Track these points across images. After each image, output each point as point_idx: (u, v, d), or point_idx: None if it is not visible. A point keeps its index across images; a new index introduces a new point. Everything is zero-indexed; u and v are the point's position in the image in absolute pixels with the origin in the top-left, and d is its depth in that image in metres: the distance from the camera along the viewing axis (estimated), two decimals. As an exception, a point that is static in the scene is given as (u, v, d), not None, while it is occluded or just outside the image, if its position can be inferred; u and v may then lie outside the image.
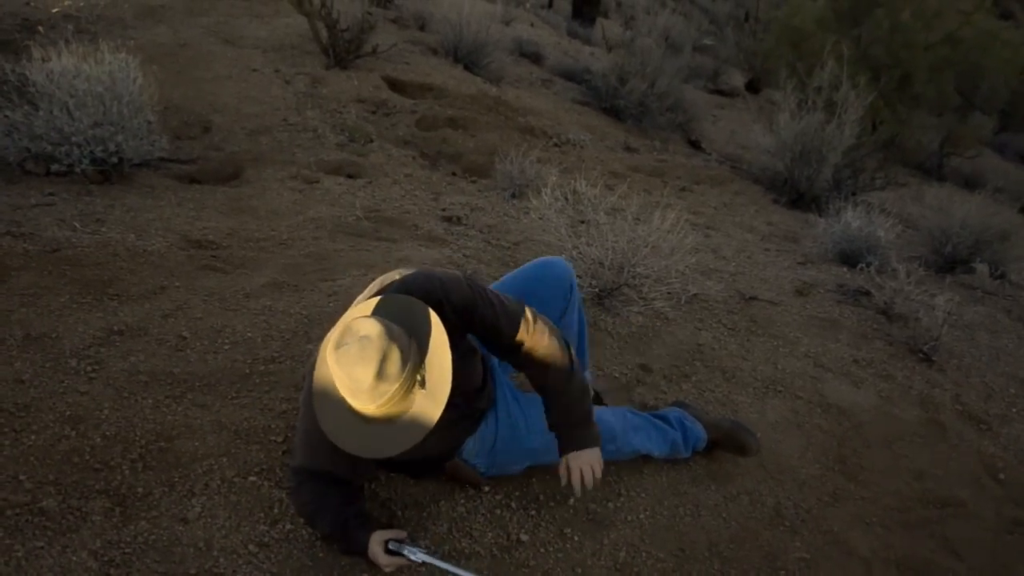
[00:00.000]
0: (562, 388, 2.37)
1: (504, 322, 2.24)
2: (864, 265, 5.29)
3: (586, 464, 2.39)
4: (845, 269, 5.56)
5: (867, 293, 4.95)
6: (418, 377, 2.03)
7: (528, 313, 2.29)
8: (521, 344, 2.28)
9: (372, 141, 6.06)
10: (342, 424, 2.04)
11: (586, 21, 15.74)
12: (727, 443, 3.08)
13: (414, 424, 2.01)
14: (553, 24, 14.95)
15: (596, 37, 14.26)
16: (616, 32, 14.05)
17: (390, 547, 2.21)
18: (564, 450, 2.40)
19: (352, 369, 1.93)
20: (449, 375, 2.04)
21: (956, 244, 6.02)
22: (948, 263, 6.04)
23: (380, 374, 1.93)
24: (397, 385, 1.96)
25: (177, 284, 3.46)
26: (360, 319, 1.99)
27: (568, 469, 2.39)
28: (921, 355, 4.34)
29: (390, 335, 1.96)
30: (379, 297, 2.13)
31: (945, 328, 4.39)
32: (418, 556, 2.20)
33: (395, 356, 1.95)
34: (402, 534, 2.26)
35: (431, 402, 2.02)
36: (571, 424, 2.41)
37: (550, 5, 18.34)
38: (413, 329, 2.05)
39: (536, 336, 2.27)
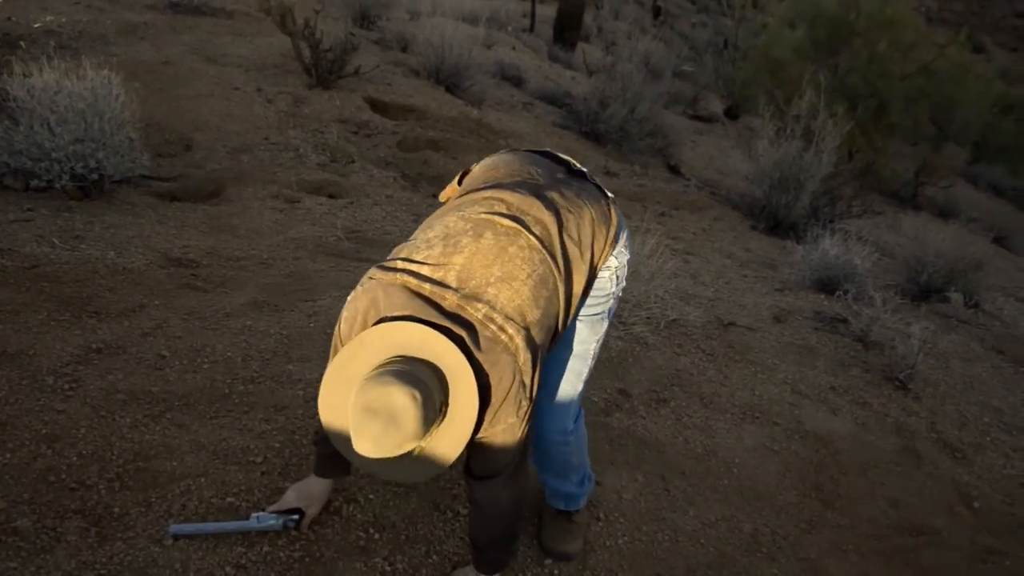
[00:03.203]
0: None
1: None
2: (841, 292, 5.34)
3: None
4: (822, 296, 5.61)
5: (844, 320, 4.99)
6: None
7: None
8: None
9: (354, 162, 6.07)
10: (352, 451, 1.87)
11: (567, 46, 15.84)
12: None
13: (427, 463, 1.85)
14: (535, 48, 15.05)
15: (577, 61, 14.37)
16: (597, 57, 14.17)
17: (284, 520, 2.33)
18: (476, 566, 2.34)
19: (364, 442, 1.72)
20: (466, 437, 1.85)
21: (931, 273, 6.09)
22: (923, 292, 6.11)
23: (385, 450, 1.75)
24: (401, 453, 1.79)
25: (156, 302, 3.45)
26: (402, 388, 1.72)
27: None
28: (897, 383, 4.39)
29: (419, 421, 1.73)
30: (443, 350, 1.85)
31: (921, 356, 4.44)
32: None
33: (411, 438, 1.75)
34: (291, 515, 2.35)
35: (445, 447, 1.85)
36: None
37: (532, 29, 18.45)
38: (444, 396, 1.84)
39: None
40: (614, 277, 2.30)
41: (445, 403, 1.82)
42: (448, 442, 1.83)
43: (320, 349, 3.32)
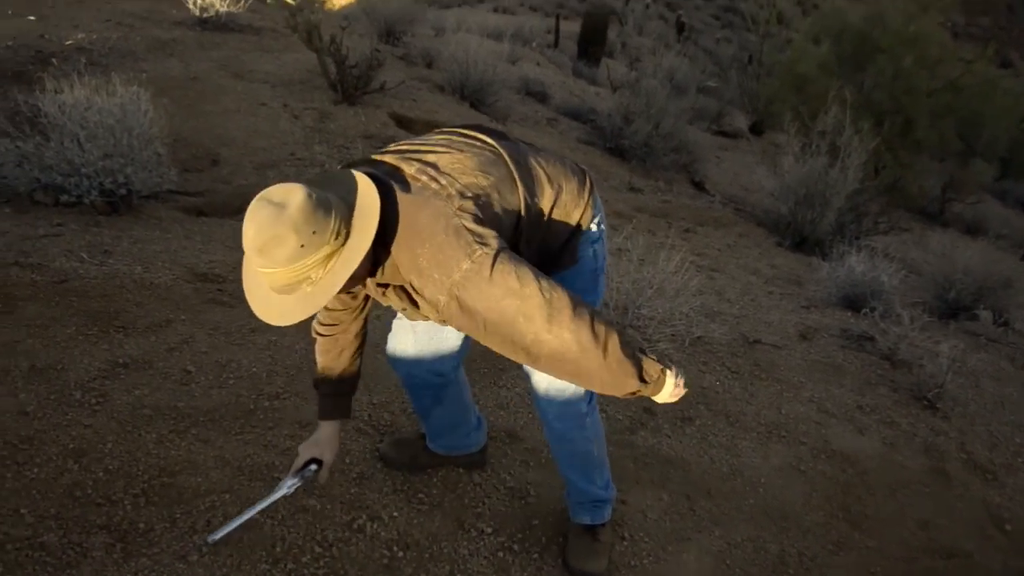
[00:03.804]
0: None
1: None
2: (868, 310, 5.29)
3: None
4: (849, 314, 5.56)
5: (871, 338, 4.94)
6: (312, 271, 1.80)
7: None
8: None
9: (378, 177, 6.09)
10: (251, 278, 1.89)
11: (592, 61, 15.89)
12: None
13: (287, 305, 1.83)
14: (559, 64, 15.10)
15: (601, 77, 14.39)
16: (621, 72, 14.18)
17: (303, 473, 2.33)
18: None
19: (250, 226, 1.74)
20: (354, 262, 1.81)
21: (959, 290, 6.03)
22: (952, 309, 6.05)
23: (265, 251, 1.75)
24: (280, 270, 1.78)
25: (183, 317, 3.47)
26: (302, 187, 1.77)
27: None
28: (926, 402, 4.33)
29: (306, 214, 1.74)
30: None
31: (949, 375, 4.38)
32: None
33: (291, 243, 1.73)
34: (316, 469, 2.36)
35: (309, 298, 1.81)
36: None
37: (556, 45, 18.52)
38: (349, 209, 1.84)
39: None
40: (596, 252, 2.29)
41: (346, 232, 1.82)
42: (337, 269, 1.81)
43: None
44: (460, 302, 1.86)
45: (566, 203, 2.14)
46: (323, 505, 2.54)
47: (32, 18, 7.64)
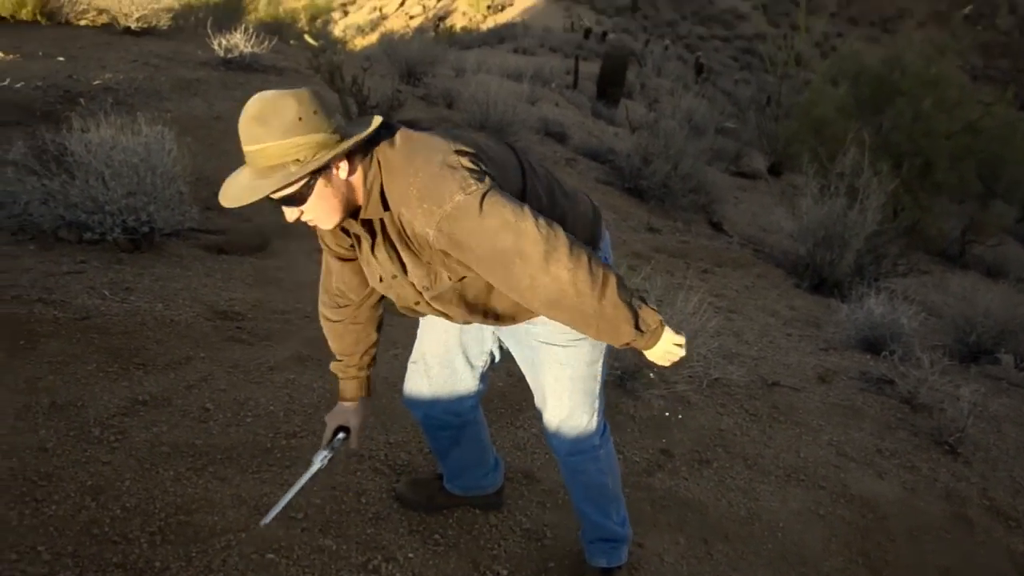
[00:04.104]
0: None
1: None
2: (887, 353, 5.26)
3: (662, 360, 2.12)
4: (868, 356, 5.53)
5: (891, 382, 4.91)
6: (297, 157, 1.81)
7: None
8: None
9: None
10: (231, 179, 1.91)
11: (610, 102, 16.01)
12: None
13: (249, 185, 1.83)
14: (578, 104, 15.21)
15: (620, 118, 14.48)
16: (640, 113, 14.26)
17: (332, 444, 2.38)
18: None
19: (251, 101, 1.81)
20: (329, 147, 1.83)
21: (980, 334, 5.98)
22: (972, 353, 6.00)
23: (265, 118, 1.79)
24: (271, 144, 1.79)
25: (202, 355, 3.49)
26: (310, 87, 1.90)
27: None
28: (947, 447, 4.29)
29: (306, 103, 1.80)
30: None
31: (971, 420, 4.34)
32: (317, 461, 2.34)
33: (291, 112, 1.78)
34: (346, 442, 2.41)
35: (288, 173, 1.81)
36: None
37: (575, 85, 18.67)
38: (348, 133, 1.88)
39: None
40: None
41: (341, 137, 1.85)
42: (323, 156, 1.82)
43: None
44: (451, 237, 1.84)
45: (573, 220, 2.11)
46: (338, 545, 2.54)
47: (61, 59, 7.78)
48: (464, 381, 2.48)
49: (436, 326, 2.43)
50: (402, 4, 41.93)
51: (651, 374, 4.07)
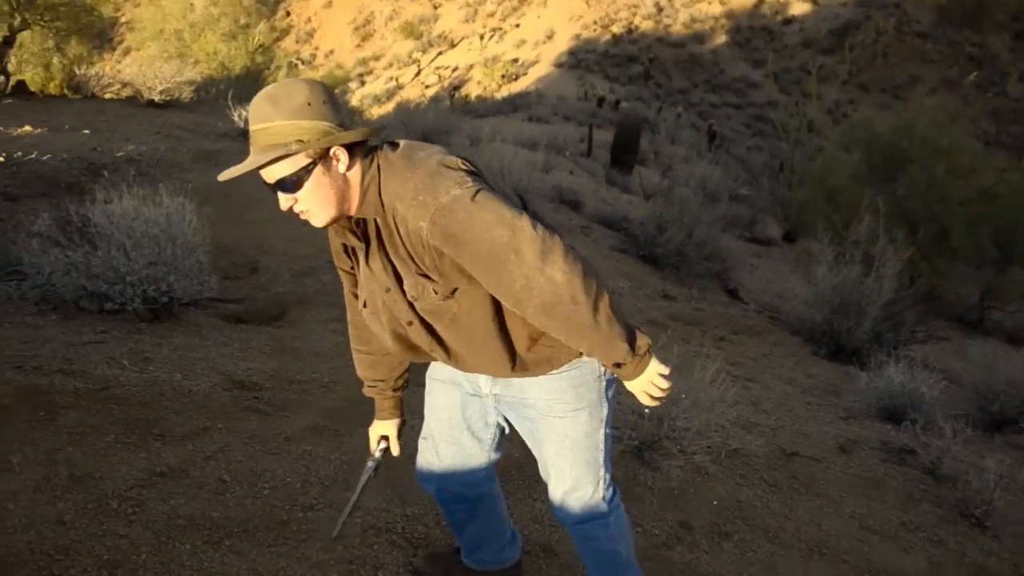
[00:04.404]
0: None
1: None
2: (908, 422, 5.19)
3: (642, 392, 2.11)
4: (889, 426, 5.47)
5: (913, 452, 4.84)
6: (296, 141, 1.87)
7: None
8: None
9: (414, 284, 6.17)
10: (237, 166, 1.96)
11: (624, 169, 16.15)
12: None
13: (248, 161, 1.89)
14: (592, 172, 15.36)
15: (634, 185, 14.60)
16: (654, 181, 14.38)
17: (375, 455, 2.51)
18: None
19: (268, 87, 1.92)
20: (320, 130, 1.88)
21: (1004, 402, 5.91)
22: (996, 422, 5.92)
23: (276, 98, 1.87)
24: (279, 123, 1.86)
25: (220, 426, 3.49)
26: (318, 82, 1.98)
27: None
28: (973, 520, 4.21)
29: (314, 93, 1.88)
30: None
31: (998, 492, 4.26)
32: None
33: (301, 95, 1.87)
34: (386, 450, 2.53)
35: (267, 154, 1.87)
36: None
37: (589, 153, 18.87)
38: (343, 124, 1.93)
39: None
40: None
41: (342, 130, 1.91)
42: (324, 141, 1.88)
43: (379, 476, 3.30)
44: (445, 230, 1.85)
45: None
46: (355, 622, 2.51)
47: (87, 132, 7.96)
48: (473, 456, 2.46)
49: (439, 400, 2.43)
50: (418, 74, 42.69)
51: (669, 444, 4.03)
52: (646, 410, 3.82)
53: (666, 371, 2.04)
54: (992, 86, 36.33)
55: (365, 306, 2.15)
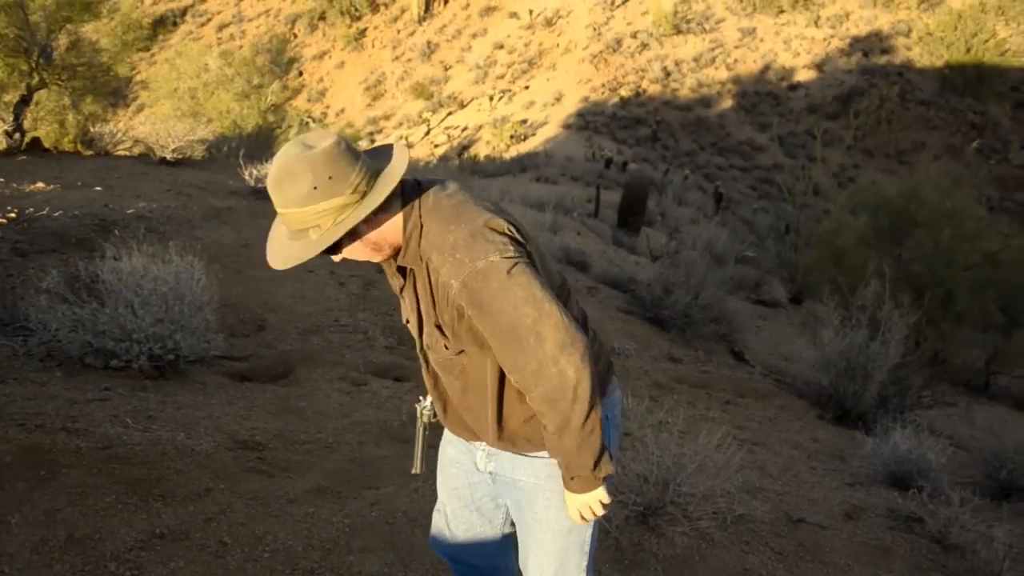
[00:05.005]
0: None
1: None
2: (916, 489, 5.14)
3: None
4: (895, 492, 5.41)
5: (920, 520, 4.78)
6: (330, 216, 1.84)
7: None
8: None
9: (420, 345, 6.18)
10: (275, 228, 1.96)
11: (631, 230, 16.23)
12: None
13: (282, 253, 1.88)
14: (599, 232, 15.42)
15: (641, 246, 14.66)
16: (660, 242, 14.44)
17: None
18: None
19: (278, 155, 1.84)
20: (342, 230, 1.83)
21: (1011, 470, 5.85)
22: (1004, 490, 5.85)
23: (280, 187, 1.82)
24: (292, 211, 1.83)
25: (222, 486, 3.48)
26: (331, 134, 1.86)
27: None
28: (981, 591, 4.15)
29: (330, 155, 1.80)
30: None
31: (1007, 563, 4.20)
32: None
33: (305, 183, 1.79)
34: None
35: (311, 243, 1.85)
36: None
37: (596, 214, 18.98)
38: (375, 174, 1.88)
39: None
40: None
41: (365, 191, 1.84)
42: (346, 219, 1.82)
43: (382, 540, 3.28)
44: (474, 295, 1.81)
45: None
46: None
47: (99, 188, 8.04)
48: (485, 533, 2.39)
49: (449, 480, 2.36)
50: (427, 133, 43.16)
51: (673, 510, 4.00)
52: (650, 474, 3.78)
53: (608, 500, 2.01)
54: (995, 153, 36.61)
55: (408, 322, 2.13)
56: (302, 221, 1.83)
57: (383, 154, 1.95)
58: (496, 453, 2.16)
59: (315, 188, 1.80)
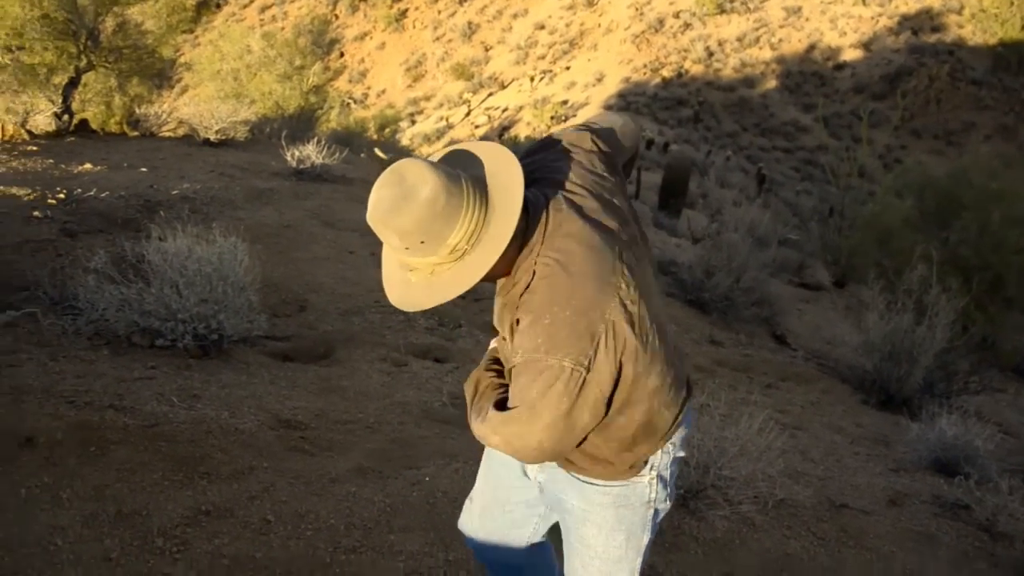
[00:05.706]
0: None
1: None
2: (962, 476, 5.06)
3: None
4: (941, 479, 5.33)
5: (967, 507, 4.71)
6: (454, 251, 1.75)
7: None
8: None
9: (461, 326, 6.20)
10: (391, 262, 1.91)
11: (672, 212, 16.10)
12: None
13: (429, 289, 1.81)
14: (640, 214, 15.28)
15: (682, 229, 14.54)
16: (702, 224, 14.31)
17: None
18: None
19: (373, 194, 1.72)
20: (492, 259, 1.74)
21: (1060, 458, 5.74)
22: (1053, 478, 5.75)
23: (383, 204, 1.70)
24: (416, 257, 1.75)
25: (265, 465, 3.52)
26: (439, 175, 1.69)
27: None
28: (1029, 580, 4.08)
29: (432, 200, 1.67)
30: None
31: (1055, 551, 4.14)
32: None
33: (414, 211, 1.67)
34: None
35: (457, 279, 1.77)
36: None
37: (637, 196, 18.85)
38: (487, 200, 1.77)
39: None
40: (655, 481, 2.03)
41: (475, 238, 1.74)
42: (471, 267, 1.74)
43: (422, 519, 3.30)
44: (522, 367, 1.73)
45: (654, 409, 1.95)
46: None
47: (144, 169, 8.15)
48: (511, 537, 2.32)
49: (491, 475, 2.31)
50: (468, 114, 43.13)
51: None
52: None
53: None
54: (1050, 133, 35.74)
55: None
56: (415, 263, 1.79)
57: (497, 171, 1.80)
58: (548, 465, 2.09)
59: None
